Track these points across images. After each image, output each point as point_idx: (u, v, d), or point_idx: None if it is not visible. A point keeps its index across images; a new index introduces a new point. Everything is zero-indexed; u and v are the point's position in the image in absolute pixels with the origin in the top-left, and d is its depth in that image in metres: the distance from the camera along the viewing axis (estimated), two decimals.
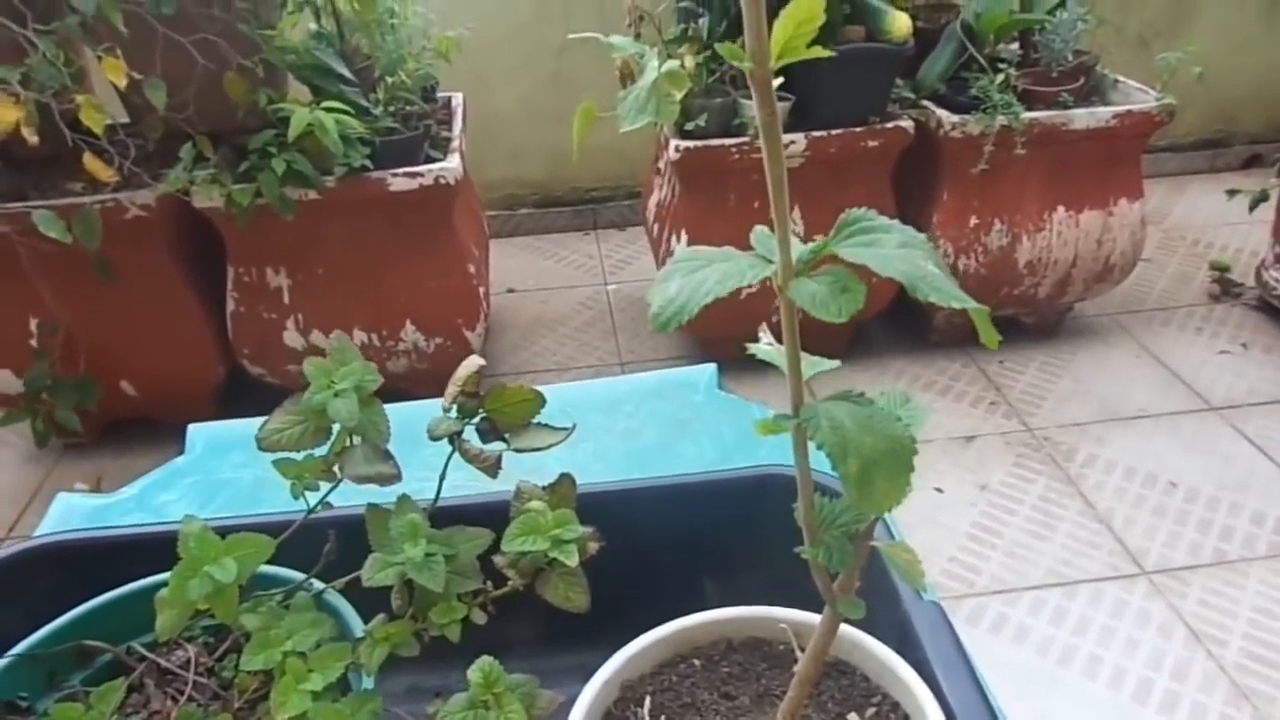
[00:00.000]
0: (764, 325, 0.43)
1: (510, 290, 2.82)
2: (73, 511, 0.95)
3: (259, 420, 1.14)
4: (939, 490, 2.00)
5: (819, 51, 0.32)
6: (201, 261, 2.12)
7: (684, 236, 2.20)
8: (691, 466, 1.04)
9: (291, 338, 2.11)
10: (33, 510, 2.07)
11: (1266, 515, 1.89)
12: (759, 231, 0.37)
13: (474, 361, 0.54)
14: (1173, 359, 2.38)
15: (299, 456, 0.60)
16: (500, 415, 0.56)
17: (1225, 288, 2.63)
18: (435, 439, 0.54)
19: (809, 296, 0.34)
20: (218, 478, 1.00)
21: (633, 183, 3.08)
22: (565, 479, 0.56)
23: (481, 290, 2.21)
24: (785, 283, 0.35)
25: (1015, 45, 2.29)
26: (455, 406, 0.54)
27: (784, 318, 0.37)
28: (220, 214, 1.96)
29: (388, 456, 0.56)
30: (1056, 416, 2.20)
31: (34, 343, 2.03)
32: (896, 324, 2.44)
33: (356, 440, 0.57)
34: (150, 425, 2.23)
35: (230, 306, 2.09)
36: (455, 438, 0.55)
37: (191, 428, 1.08)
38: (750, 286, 1.50)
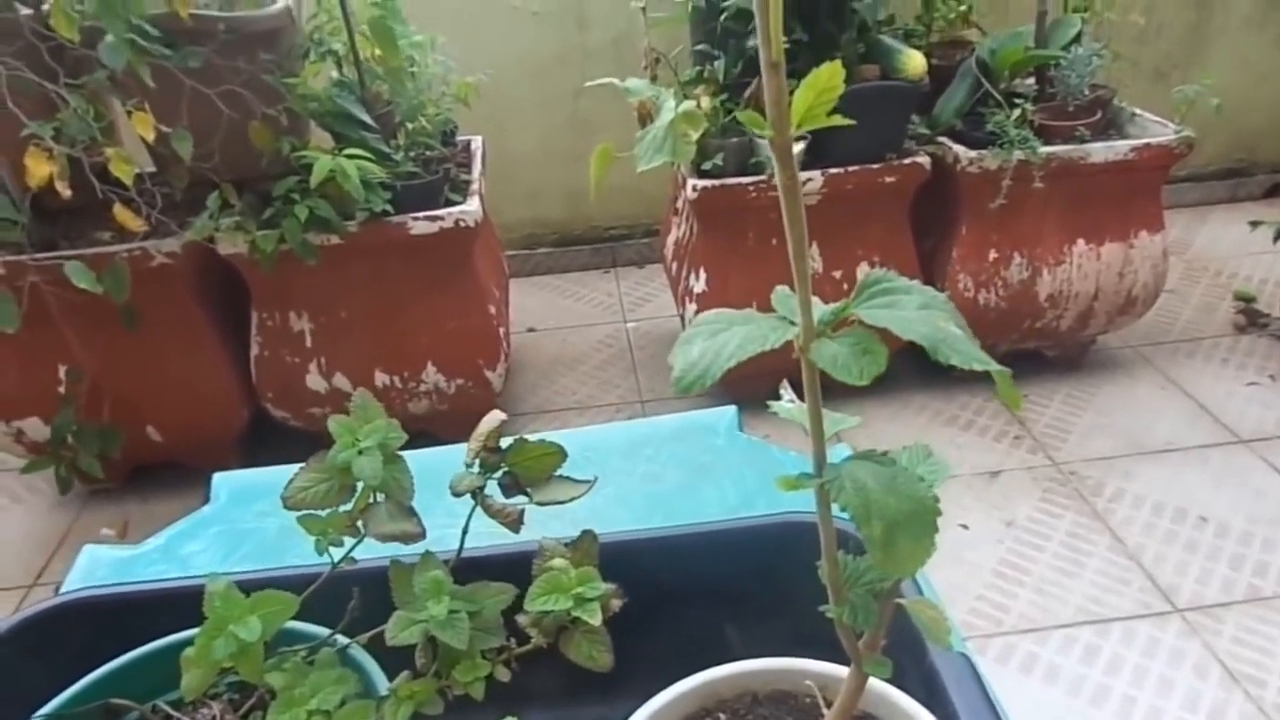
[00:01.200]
0: (785, 382, 0.43)
1: (530, 329, 2.83)
2: (99, 563, 0.96)
3: (283, 469, 1.15)
4: (964, 527, 1.98)
5: (839, 120, 0.32)
6: (225, 307, 2.15)
7: (703, 274, 2.21)
8: (713, 510, 1.04)
9: (314, 381, 2.13)
10: (59, 556, 2.09)
11: None
12: (780, 292, 0.37)
13: (495, 416, 0.54)
14: (1199, 391, 2.35)
15: (323, 512, 0.60)
16: (522, 469, 0.56)
17: (1251, 318, 2.60)
18: (458, 495, 0.54)
19: (831, 359, 0.34)
20: (242, 527, 1.00)
21: (650, 221, 3.10)
22: (587, 535, 0.56)
23: (502, 330, 2.22)
24: (807, 345, 0.35)
25: (1031, 80, 2.30)
26: (477, 461, 0.54)
27: (805, 378, 0.37)
28: (244, 260, 1.99)
29: (411, 514, 0.56)
30: (1082, 450, 2.18)
31: (61, 390, 2.06)
32: (918, 358, 2.40)
33: (380, 497, 0.58)
34: (175, 470, 2.25)
35: (254, 351, 2.12)
36: (478, 493, 0.55)
37: (216, 477, 1.08)
38: None
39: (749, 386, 2.51)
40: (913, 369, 2.45)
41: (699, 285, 2.21)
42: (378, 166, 1.95)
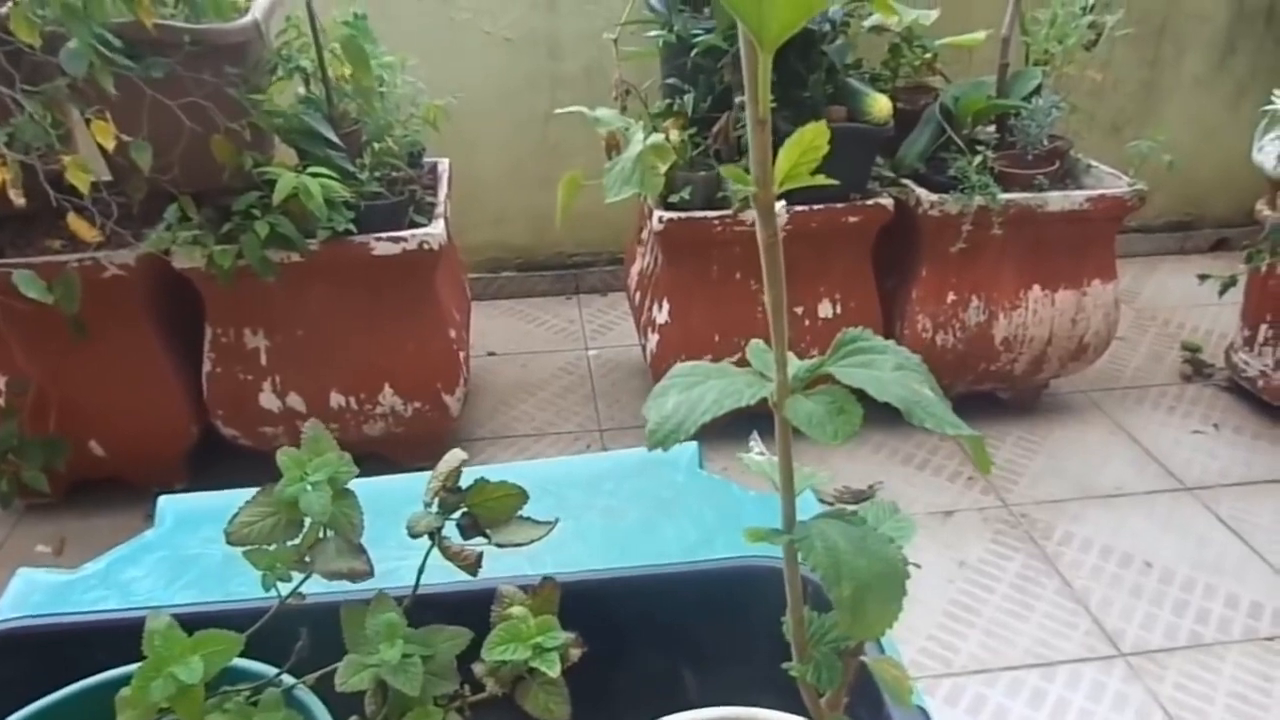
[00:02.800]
0: (754, 434, 0.42)
1: (490, 353, 2.81)
2: (34, 587, 0.92)
3: (231, 493, 1.12)
4: (917, 565, 1.98)
5: (822, 180, 0.32)
6: (178, 321, 2.10)
7: (666, 305, 2.21)
8: (672, 548, 1.03)
9: (268, 400, 2.08)
10: None
11: (1240, 598, 1.89)
12: (755, 346, 0.37)
13: (456, 456, 0.53)
14: (1147, 438, 2.40)
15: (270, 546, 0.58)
16: (482, 510, 0.55)
17: (1197, 368, 2.67)
18: (415, 536, 0.53)
19: (806, 417, 0.34)
20: (186, 553, 0.97)
21: (615, 249, 3.11)
22: (548, 583, 0.54)
23: (462, 355, 2.20)
24: (781, 401, 0.35)
25: (992, 128, 2.35)
26: (436, 501, 0.53)
27: (778, 434, 0.37)
28: (200, 275, 1.95)
29: (360, 551, 0.55)
30: (1033, 493, 2.21)
31: (1, 401, 1.99)
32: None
33: (329, 534, 0.56)
34: (115, 486, 2.18)
35: (206, 367, 2.07)
36: (436, 534, 0.53)
37: (162, 499, 1.05)
38: (732, 356, 1.51)
39: (711, 422, 2.52)
40: (871, 406, 2.47)
41: (662, 316, 2.22)
42: (342, 185, 1.93)
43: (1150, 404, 2.55)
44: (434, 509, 0.54)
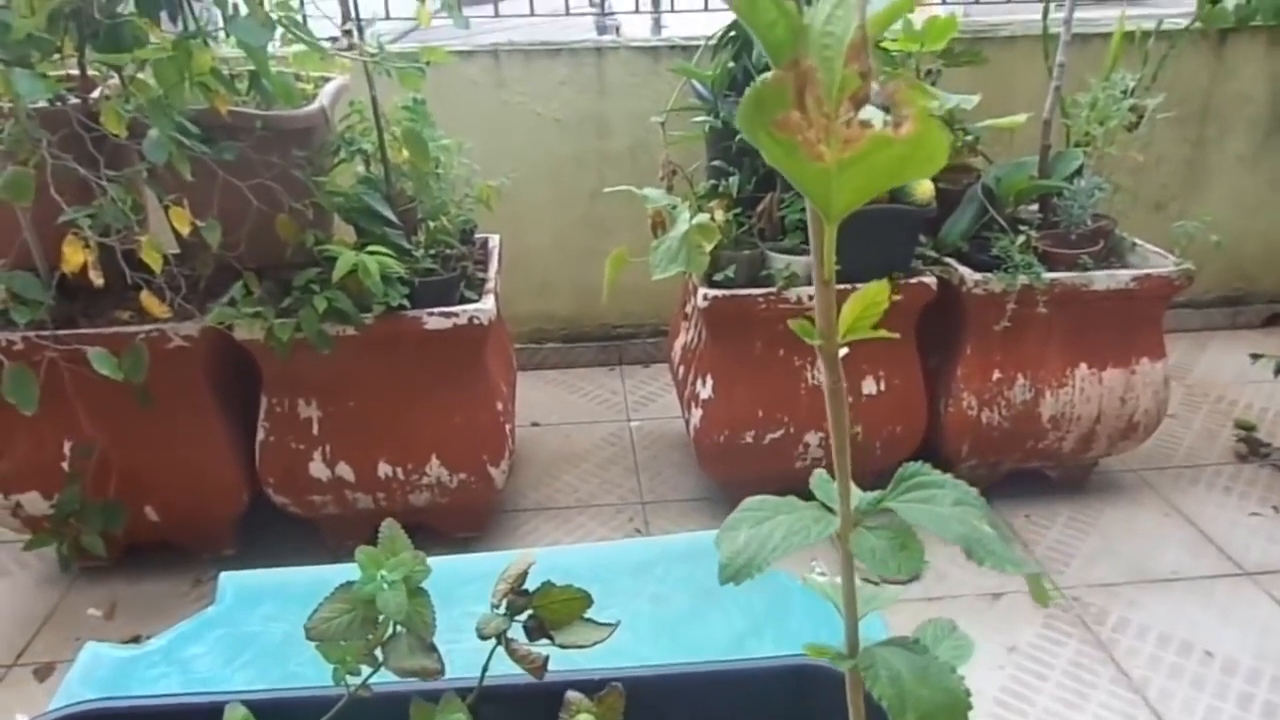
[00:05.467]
0: (816, 559, 0.44)
1: (534, 424, 2.85)
2: (100, 662, 0.95)
3: (291, 571, 1.15)
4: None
5: (884, 334, 0.34)
6: (235, 390, 2.17)
7: (709, 381, 2.23)
8: (720, 636, 1.03)
9: (317, 468, 2.13)
10: (43, 636, 2.06)
11: None
12: (819, 476, 0.39)
13: (525, 559, 0.55)
14: (1202, 519, 2.35)
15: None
16: (548, 613, 0.56)
17: (1252, 448, 2.61)
18: (484, 638, 0.55)
19: (869, 552, 0.36)
20: (247, 630, 0.99)
21: (658, 321, 3.15)
22: (613, 691, 0.56)
23: (508, 427, 2.23)
24: (845, 535, 0.37)
25: (1035, 207, 2.37)
26: (505, 604, 0.55)
27: (842, 565, 0.39)
28: (259, 346, 2.02)
29: (432, 650, 0.57)
30: (1086, 576, 2.16)
31: (66, 465, 2.06)
32: None
33: (401, 630, 0.58)
34: (166, 550, 2.23)
35: (260, 436, 2.13)
36: (502, 636, 0.55)
37: (223, 576, 1.08)
38: (775, 432, 1.52)
39: (751, 488, 2.51)
40: None
41: (705, 392, 2.24)
42: (397, 262, 2.00)
43: (1205, 484, 2.50)
44: (501, 611, 0.56)
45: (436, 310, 2.04)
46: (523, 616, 0.57)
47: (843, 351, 0.36)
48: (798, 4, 0.27)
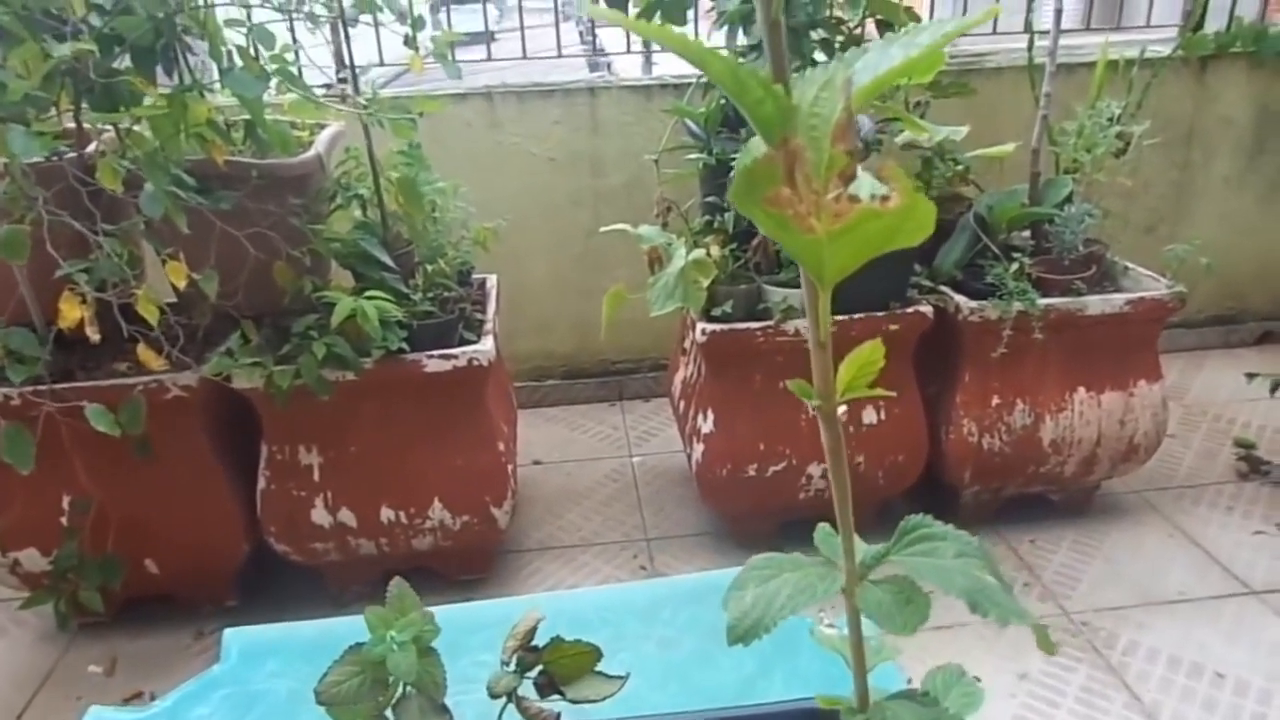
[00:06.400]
0: (824, 608, 0.44)
1: (536, 462, 2.84)
2: None
3: (296, 625, 1.14)
4: (976, 679, 1.93)
5: (882, 393, 0.35)
6: (234, 438, 2.16)
7: (710, 415, 2.23)
8: (730, 680, 1.03)
9: (319, 515, 2.12)
10: (42, 695, 2.03)
11: None
12: (823, 531, 0.39)
13: (533, 616, 0.55)
14: (1206, 539, 2.34)
15: None
16: (558, 668, 0.56)
17: (1253, 465, 2.61)
18: (495, 697, 0.54)
19: (876, 605, 0.36)
20: (253, 689, 0.99)
21: (658, 355, 3.16)
22: None
23: (510, 468, 2.23)
24: (851, 590, 0.37)
25: (1027, 234, 2.39)
26: (515, 660, 0.55)
27: (849, 618, 0.39)
28: (259, 394, 2.02)
29: (444, 711, 0.57)
30: (1093, 600, 2.15)
31: (64, 520, 2.04)
32: (923, 501, 2.43)
33: (412, 690, 0.58)
34: (166, 604, 2.21)
35: (261, 484, 2.12)
36: (513, 694, 0.55)
37: (228, 633, 1.08)
38: (777, 464, 1.52)
39: (754, 523, 2.50)
40: (918, 509, 2.44)
41: (706, 426, 2.24)
42: (395, 306, 2.00)
43: (1207, 504, 2.49)
44: (511, 668, 0.56)
45: (436, 353, 2.05)
46: (533, 673, 0.57)
47: (841, 410, 0.37)
48: (785, 86, 0.28)
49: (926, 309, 2.18)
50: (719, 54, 0.29)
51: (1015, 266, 2.14)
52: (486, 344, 2.10)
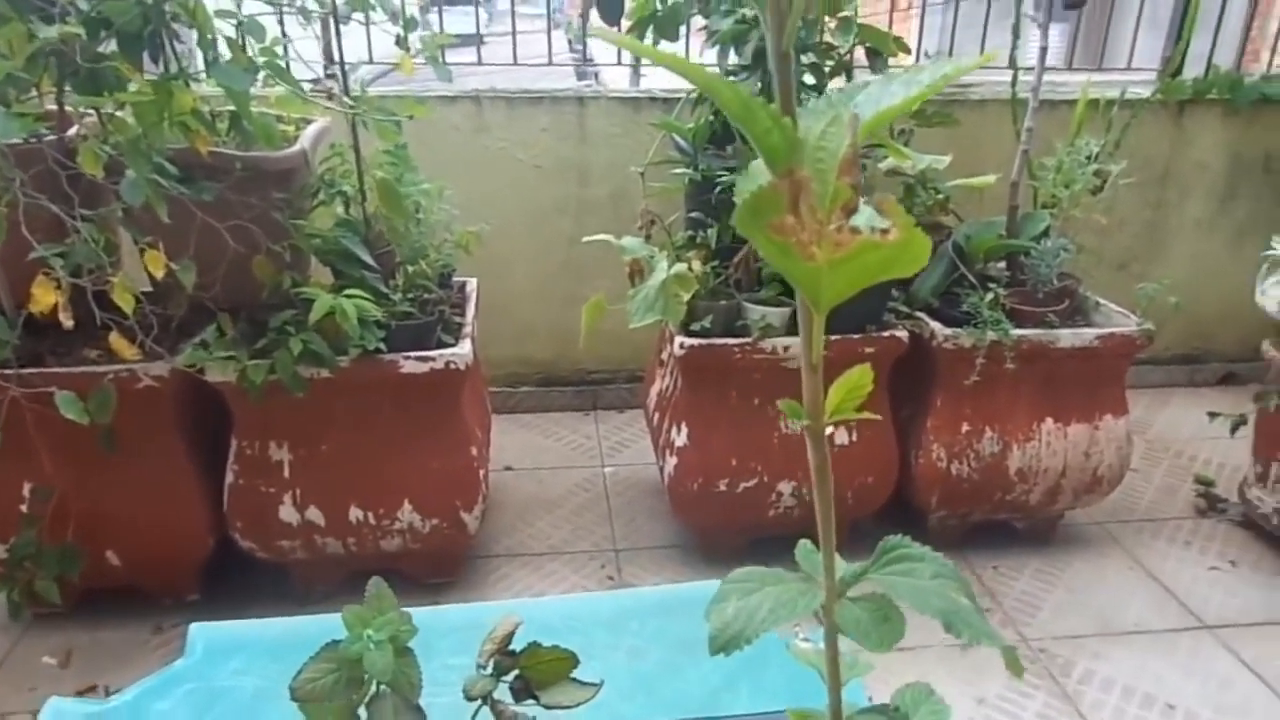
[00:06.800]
0: (798, 626, 0.45)
1: (508, 468, 2.84)
2: (64, 719, 0.93)
3: (262, 622, 1.14)
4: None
5: (869, 415, 0.36)
6: (204, 431, 2.14)
7: (684, 429, 2.25)
8: (696, 691, 1.03)
9: (287, 512, 2.10)
10: None
11: None
12: (804, 547, 0.40)
13: (511, 620, 0.55)
14: (1164, 573, 2.38)
15: None
16: (534, 674, 0.57)
17: (1211, 503, 2.67)
18: (470, 699, 0.55)
19: (853, 623, 0.37)
20: (217, 685, 0.98)
21: (635, 366, 3.17)
22: None
23: (482, 473, 2.23)
24: (830, 607, 0.38)
25: (1003, 265, 2.43)
26: (491, 664, 0.56)
27: (826, 635, 0.40)
28: (231, 388, 2.00)
29: (418, 711, 0.57)
30: (1053, 628, 2.18)
31: (24, 508, 2.01)
32: (891, 524, 2.46)
33: (386, 690, 0.58)
34: (126, 596, 2.17)
35: (229, 479, 2.10)
36: (488, 697, 0.56)
37: (193, 628, 1.07)
38: (748, 481, 1.54)
39: (724, 535, 2.50)
40: (885, 532, 2.47)
41: (680, 439, 2.25)
42: (374, 305, 2.00)
43: (1166, 538, 2.54)
44: (488, 671, 0.57)
45: (413, 354, 2.04)
46: (509, 677, 0.57)
47: (828, 430, 0.38)
48: (793, 118, 0.29)
49: (902, 334, 2.21)
50: (728, 83, 0.30)
51: (990, 296, 2.17)
52: (464, 347, 2.09)
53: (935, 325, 2.22)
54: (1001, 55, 2.48)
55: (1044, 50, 2.33)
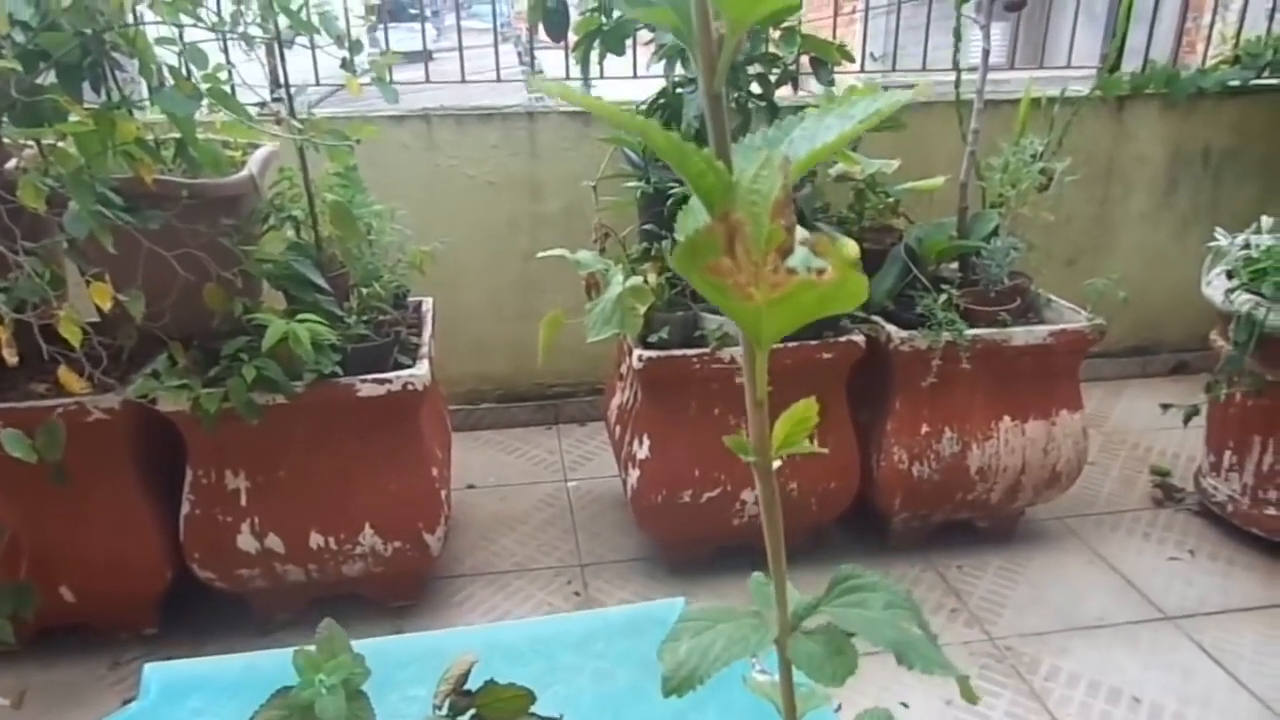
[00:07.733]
0: (756, 659, 0.45)
1: (470, 486, 2.81)
2: None
3: (218, 660, 1.11)
4: (905, 705, 1.97)
5: (816, 449, 0.36)
6: (157, 462, 2.09)
7: (646, 441, 2.24)
8: (663, 714, 1.03)
9: (245, 541, 2.06)
10: None
11: None
12: (756, 581, 0.40)
13: (466, 660, 0.54)
14: (1124, 565, 2.43)
15: None
16: (491, 712, 0.56)
17: (1167, 493, 2.72)
18: None
19: (806, 657, 0.37)
20: None
21: (594, 379, 3.16)
22: None
23: (444, 493, 2.20)
24: (784, 641, 0.38)
25: (955, 266, 2.46)
26: (447, 704, 0.55)
27: (780, 667, 0.40)
28: (185, 418, 1.96)
29: None
30: (1018, 625, 2.21)
31: None
32: (855, 527, 2.48)
33: None
34: (81, 632, 2.12)
35: (185, 509, 2.06)
36: None
37: (147, 668, 1.04)
38: (712, 491, 1.54)
39: (689, 548, 2.50)
40: (850, 537, 2.49)
41: (642, 451, 2.24)
42: (329, 329, 1.97)
43: (1125, 530, 2.59)
44: (444, 712, 0.56)
45: (369, 377, 2.02)
46: (465, 717, 0.56)
47: (775, 464, 0.38)
48: (726, 160, 0.29)
49: (859, 338, 2.23)
50: (659, 129, 0.30)
51: (944, 298, 2.20)
52: (421, 368, 2.07)
53: (891, 328, 2.24)
54: (944, 54, 2.52)
55: (986, 53, 2.37)
